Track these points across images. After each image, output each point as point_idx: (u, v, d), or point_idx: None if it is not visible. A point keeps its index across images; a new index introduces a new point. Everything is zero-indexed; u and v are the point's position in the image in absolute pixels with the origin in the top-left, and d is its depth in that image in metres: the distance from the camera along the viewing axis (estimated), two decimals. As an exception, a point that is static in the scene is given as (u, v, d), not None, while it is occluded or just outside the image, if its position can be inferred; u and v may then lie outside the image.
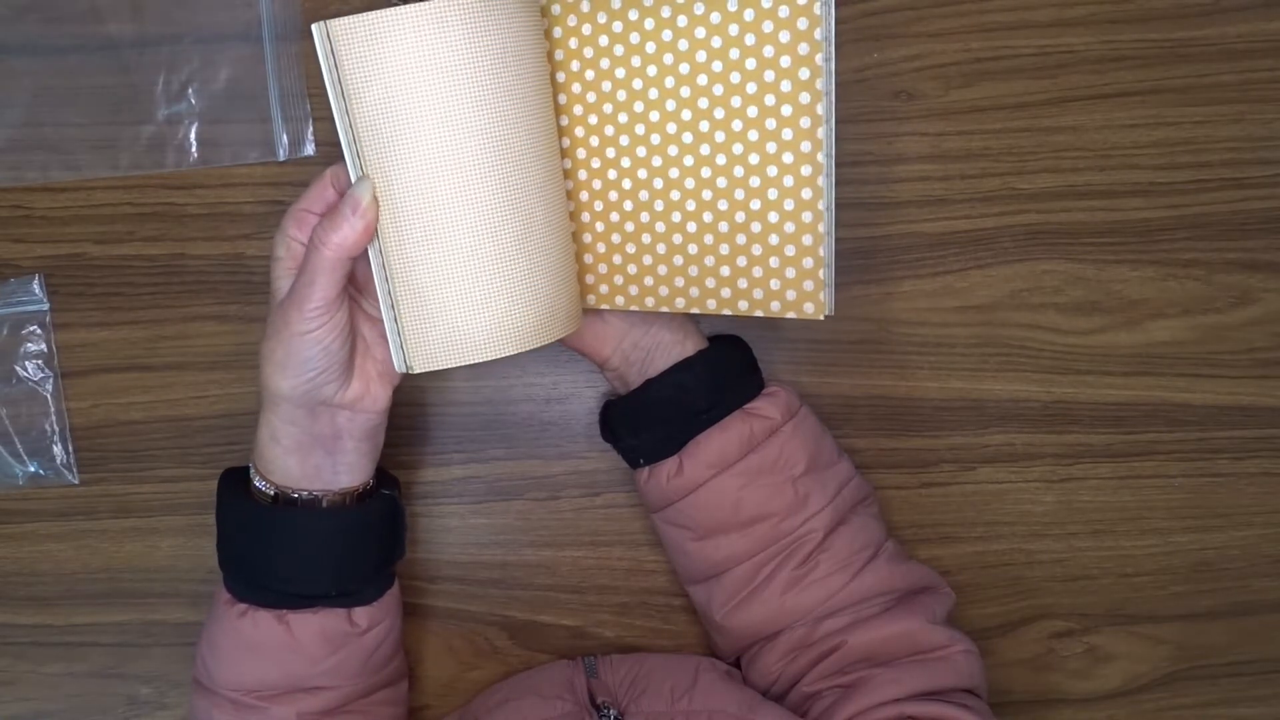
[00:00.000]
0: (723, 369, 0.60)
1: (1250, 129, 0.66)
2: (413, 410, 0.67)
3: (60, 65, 0.64)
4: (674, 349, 0.60)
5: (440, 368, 0.51)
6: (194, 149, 0.64)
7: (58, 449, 0.66)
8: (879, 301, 0.67)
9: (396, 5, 0.47)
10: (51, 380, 0.66)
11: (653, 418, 0.60)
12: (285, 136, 0.64)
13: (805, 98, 0.51)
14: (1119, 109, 0.65)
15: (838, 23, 0.64)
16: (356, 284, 0.54)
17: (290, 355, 0.51)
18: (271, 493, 0.55)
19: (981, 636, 0.65)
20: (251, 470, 0.56)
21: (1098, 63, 0.65)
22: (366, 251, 0.51)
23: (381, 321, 0.53)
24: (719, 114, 0.52)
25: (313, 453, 0.54)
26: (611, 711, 0.56)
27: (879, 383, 0.67)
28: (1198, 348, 0.67)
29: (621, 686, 0.60)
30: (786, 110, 0.51)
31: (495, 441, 0.68)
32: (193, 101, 0.64)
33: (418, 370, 0.52)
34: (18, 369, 0.66)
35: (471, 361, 0.51)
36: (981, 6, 0.65)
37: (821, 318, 0.53)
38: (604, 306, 0.57)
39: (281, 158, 0.64)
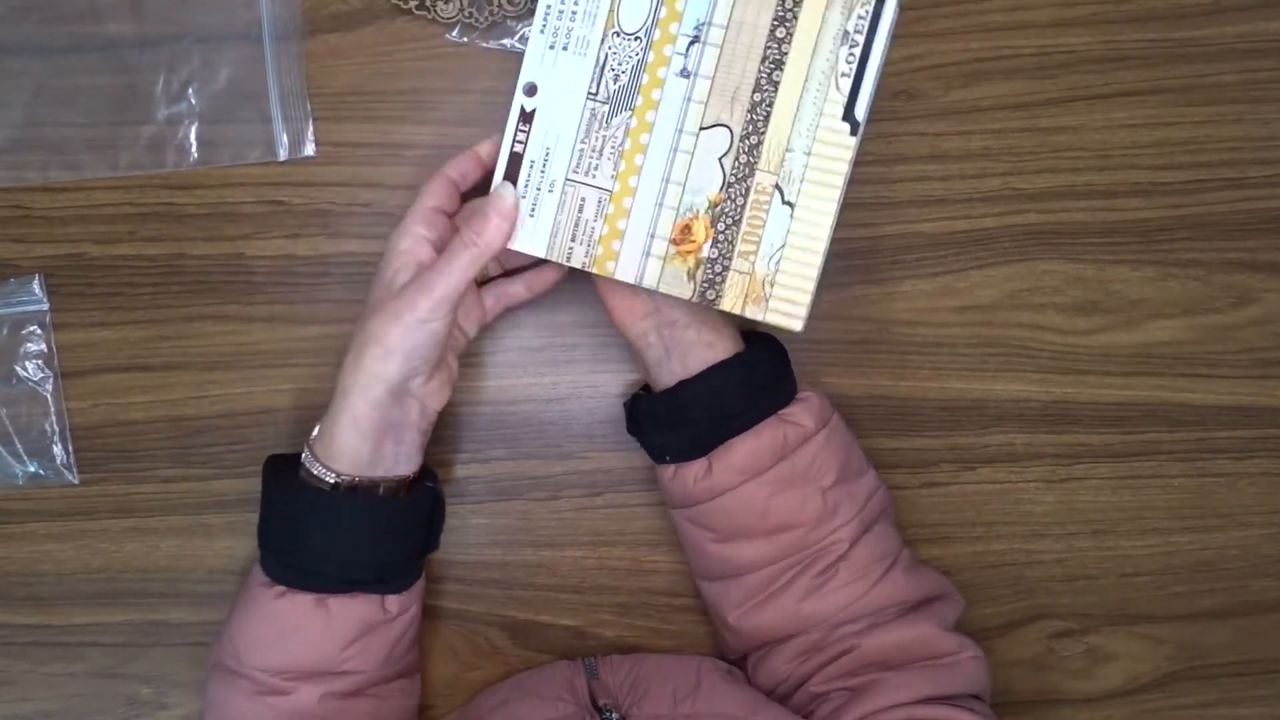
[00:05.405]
0: (759, 373, 0.59)
1: (1250, 129, 0.66)
2: (413, 410, 0.67)
3: (60, 65, 0.64)
4: (706, 351, 0.58)
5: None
6: (194, 149, 0.64)
7: (58, 449, 0.66)
8: (879, 301, 0.67)
9: None
10: (51, 380, 0.66)
11: (684, 418, 0.58)
12: (285, 136, 0.64)
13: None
14: (1119, 109, 0.66)
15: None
16: None
17: (405, 340, 0.53)
18: (331, 479, 0.55)
19: (981, 636, 0.65)
20: (307, 457, 0.56)
21: (1098, 63, 0.65)
22: None
23: (459, 329, 0.58)
24: None
25: (385, 440, 0.56)
26: (614, 714, 0.56)
27: (879, 383, 0.67)
28: (1198, 348, 0.67)
29: (622, 688, 0.60)
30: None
31: (495, 441, 0.68)
32: (193, 101, 0.64)
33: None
34: (18, 369, 0.66)
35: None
36: (981, 6, 0.65)
37: (798, 329, 0.54)
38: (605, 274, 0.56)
39: (281, 158, 0.64)
